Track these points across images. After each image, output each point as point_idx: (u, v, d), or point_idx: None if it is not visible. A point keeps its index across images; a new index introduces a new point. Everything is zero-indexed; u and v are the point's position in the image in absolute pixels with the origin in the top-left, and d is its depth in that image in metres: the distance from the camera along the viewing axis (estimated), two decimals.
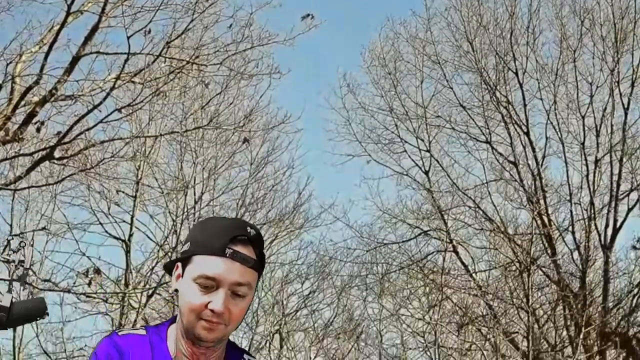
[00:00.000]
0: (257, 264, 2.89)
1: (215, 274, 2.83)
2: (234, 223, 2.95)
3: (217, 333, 2.86)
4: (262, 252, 2.93)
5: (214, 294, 2.83)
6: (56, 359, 21.69)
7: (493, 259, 25.14)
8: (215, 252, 2.84)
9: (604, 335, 22.37)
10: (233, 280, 2.84)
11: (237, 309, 2.86)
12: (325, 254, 24.46)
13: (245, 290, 2.87)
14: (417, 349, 23.88)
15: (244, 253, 2.86)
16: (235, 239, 2.86)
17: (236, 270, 2.84)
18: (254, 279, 2.90)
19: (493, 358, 22.66)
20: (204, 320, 2.84)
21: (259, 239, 2.93)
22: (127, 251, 21.42)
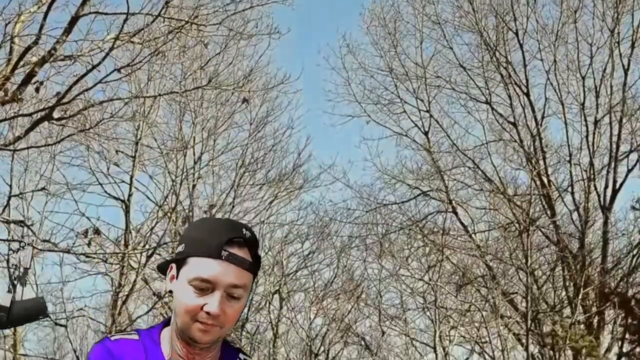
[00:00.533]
0: (252, 266, 2.86)
1: (211, 276, 2.80)
2: (229, 224, 2.91)
3: (212, 335, 2.85)
4: (257, 254, 2.90)
5: (209, 296, 2.81)
6: (56, 319, 21.72)
7: (492, 220, 25.19)
8: (211, 254, 2.81)
9: (603, 295, 22.44)
10: (229, 282, 2.81)
11: (232, 311, 2.84)
12: (325, 214, 24.51)
13: (241, 293, 2.84)
14: (417, 309, 23.98)
15: (240, 255, 2.82)
16: (231, 241, 2.83)
17: (232, 272, 2.81)
18: (250, 280, 2.87)
19: (492, 318, 22.73)
20: (199, 322, 2.82)
21: (255, 241, 2.90)
22: (126, 211, 21.41)
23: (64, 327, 21.54)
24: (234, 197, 22.49)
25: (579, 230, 23.79)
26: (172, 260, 2.93)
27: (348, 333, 23.45)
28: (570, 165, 24.34)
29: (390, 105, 25.67)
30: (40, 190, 19.46)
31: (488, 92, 24.94)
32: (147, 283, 22.30)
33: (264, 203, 23.15)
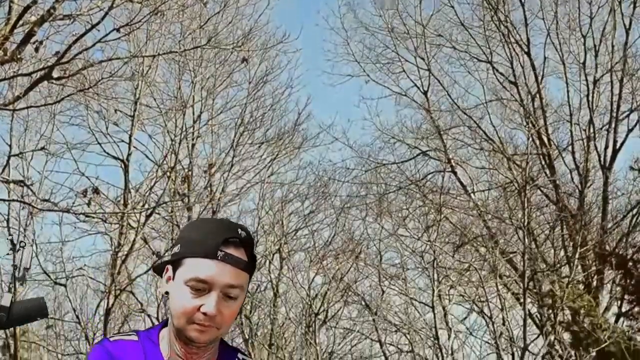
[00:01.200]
0: (248, 265, 2.87)
1: (208, 276, 2.80)
2: (224, 225, 2.91)
3: (209, 335, 2.85)
4: (253, 253, 2.91)
5: (206, 297, 2.81)
6: (56, 278, 21.80)
7: (492, 180, 25.19)
8: (207, 255, 2.81)
9: (602, 255, 22.48)
10: (225, 282, 2.81)
11: (229, 311, 2.84)
12: (325, 174, 24.50)
13: (237, 293, 2.85)
14: (416, 269, 24.02)
15: (236, 255, 2.83)
16: (227, 241, 2.83)
17: (228, 272, 2.81)
18: (246, 280, 2.89)
19: (490, 278, 22.78)
20: (196, 323, 2.82)
21: (250, 241, 2.90)
22: (125, 171, 21.39)
23: (64, 287, 21.65)
24: (233, 156, 22.47)
25: (578, 190, 23.80)
26: (168, 262, 2.93)
27: (348, 292, 23.52)
28: (570, 124, 24.30)
29: (390, 65, 25.60)
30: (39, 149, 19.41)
31: (489, 51, 24.84)
32: (146, 242, 22.34)
33: (263, 162, 23.15)
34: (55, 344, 22.65)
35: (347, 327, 23.67)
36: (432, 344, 22.54)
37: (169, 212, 21.81)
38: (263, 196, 23.24)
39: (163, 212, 21.86)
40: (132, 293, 22.50)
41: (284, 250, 23.27)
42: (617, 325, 21.97)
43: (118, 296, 21.66)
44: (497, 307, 22.77)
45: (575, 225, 22.73)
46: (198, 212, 22.20)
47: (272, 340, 22.39)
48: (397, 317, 23.63)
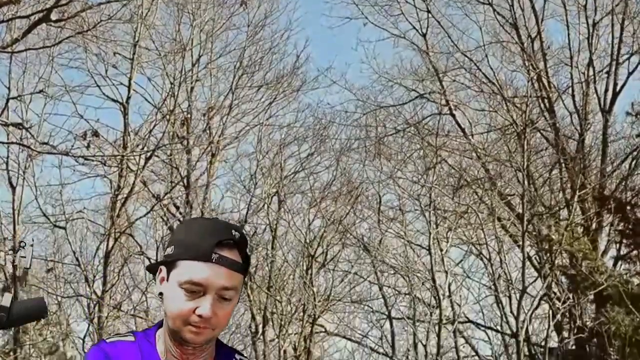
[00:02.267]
0: (243, 267, 2.87)
1: (202, 279, 2.80)
2: (218, 226, 2.90)
3: (204, 336, 2.85)
4: (247, 254, 2.90)
5: (201, 299, 2.81)
6: (55, 221, 21.82)
7: (491, 122, 25.13)
8: (201, 258, 2.81)
9: (601, 199, 22.52)
10: (220, 285, 2.81)
11: (223, 313, 2.84)
12: (323, 116, 24.43)
13: (232, 294, 2.85)
14: (414, 211, 24.05)
15: (230, 257, 2.83)
16: (221, 243, 2.82)
17: (223, 274, 2.81)
18: (240, 282, 2.88)
19: (489, 220, 22.84)
20: (192, 325, 2.83)
21: (244, 242, 2.89)
22: (124, 114, 21.31)
23: (63, 229, 21.67)
24: (232, 100, 22.39)
25: (578, 133, 23.76)
26: (162, 263, 2.92)
27: (346, 235, 23.56)
28: (570, 67, 24.19)
29: (388, 7, 25.37)
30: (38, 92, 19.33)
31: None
32: (145, 185, 22.32)
33: (262, 105, 23.06)
34: (55, 286, 22.72)
35: (345, 270, 23.75)
36: (430, 287, 22.65)
37: (168, 155, 21.77)
38: (261, 139, 23.21)
39: (162, 155, 21.82)
40: (131, 236, 22.52)
41: (282, 193, 23.25)
42: (615, 269, 22.08)
43: (117, 239, 21.70)
44: (495, 250, 22.85)
45: (575, 168, 22.73)
46: (197, 154, 22.19)
47: (270, 282, 22.46)
48: (395, 259, 23.71)
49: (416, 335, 22.07)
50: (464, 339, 23.17)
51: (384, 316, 23.33)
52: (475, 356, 23.29)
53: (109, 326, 21.88)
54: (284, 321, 22.25)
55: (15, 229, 21.38)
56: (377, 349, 22.93)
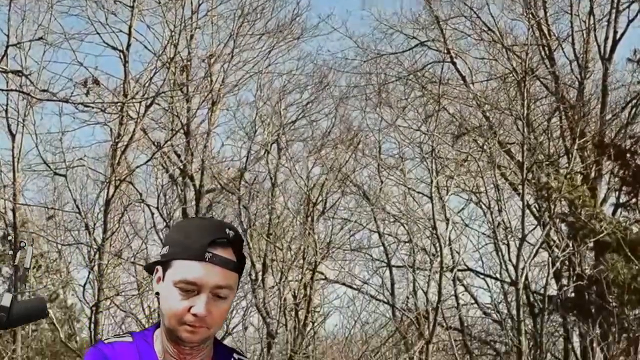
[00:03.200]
0: (237, 265, 2.89)
1: (196, 278, 2.83)
2: (212, 225, 2.92)
3: (200, 335, 2.88)
4: (241, 253, 2.91)
5: (195, 298, 2.83)
6: (55, 168, 21.78)
7: (491, 70, 25.06)
8: (194, 257, 2.83)
9: (600, 146, 22.53)
10: (214, 283, 2.83)
11: (219, 311, 2.87)
12: (324, 64, 24.33)
13: (227, 293, 2.87)
14: (415, 159, 24.07)
15: (224, 256, 2.85)
16: (214, 242, 2.84)
17: (217, 273, 2.83)
18: (235, 280, 2.90)
19: (488, 168, 22.86)
20: (187, 324, 2.85)
21: (239, 240, 2.91)
22: (124, 61, 21.17)
23: (64, 177, 21.65)
24: (233, 48, 22.23)
25: (577, 81, 23.72)
26: (158, 262, 2.94)
27: (346, 183, 23.57)
28: (570, 15, 24.09)
29: None
30: (37, 39, 19.19)
31: None
32: (146, 133, 22.27)
33: (262, 53, 22.93)
34: (55, 234, 22.73)
35: (345, 218, 23.80)
36: (430, 235, 22.74)
37: (169, 103, 21.70)
38: (261, 87, 23.11)
39: (163, 102, 21.75)
40: (131, 184, 22.51)
41: (282, 140, 23.22)
42: (614, 217, 22.16)
43: (118, 187, 21.68)
44: (494, 199, 22.90)
45: (574, 116, 22.73)
46: (198, 102, 22.11)
47: (270, 230, 22.50)
48: (395, 207, 23.78)
49: (416, 283, 22.22)
50: (463, 286, 23.33)
51: (383, 264, 23.44)
52: (474, 304, 23.46)
53: (109, 274, 21.97)
54: (284, 268, 22.33)
55: (15, 176, 21.32)
56: (377, 297, 23.06)
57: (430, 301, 21.73)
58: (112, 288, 22.33)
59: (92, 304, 21.18)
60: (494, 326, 23.33)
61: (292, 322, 22.45)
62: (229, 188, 22.57)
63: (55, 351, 23.76)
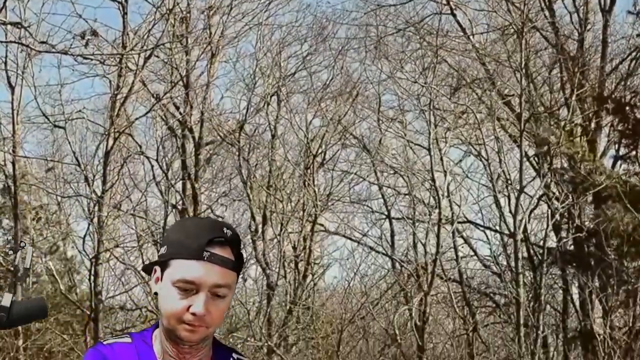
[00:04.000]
0: (235, 264, 2.92)
1: (195, 277, 2.86)
2: (209, 225, 2.96)
3: (199, 334, 2.91)
4: (239, 252, 2.95)
5: (194, 297, 2.87)
6: (55, 120, 21.71)
7: (490, 22, 24.94)
8: (192, 256, 2.87)
9: (600, 98, 22.51)
10: (213, 282, 2.87)
11: (217, 310, 2.90)
12: (323, 16, 24.20)
13: (225, 292, 2.91)
14: (414, 111, 24.02)
15: (223, 255, 2.89)
16: (212, 241, 2.88)
17: (215, 272, 2.87)
18: (233, 279, 2.94)
19: (488, 120, 22.85)
20: (186, 323, 2.88)
21: (236, 240, 2.95)
22: (123, 13, 20.99)
23: (63, 129, 21.59)
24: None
25: (577, 33, 23.62)
26: (156, 262, 2.99)
27: (345, 135, 23.55)
28: None
29: None
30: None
31: None
32: (145, 85, 22.18)
33: (262, 5, 22.76)
34: (54, 186, 22.72)
35: (345, 170, 23.80)
36: (429, 187, 22.76)
37: (168, 55, 21.58)
38: (261, 38, 22.99)
39: (162, 54, 21.63)
40: (131, 136, 22.46)
41: (282, 92, 23.15)
42: (613, 169, 22.20)
43: (117, 139, 21.62)
44: (494, 151, 22.90)
45: (574, 67, 22.66)
46: (197, 54, 22.02)
47: (270, 181, 22.50)
48: (394, 159, 23.77)
49: (415, 235, 22.27)
50: (462, 239, 23.39)
51: (383, 216, 23.49)
52: (474, 256, 23.55)
53: (109, 225, 21.98)
54: (284, 220, 22.36)
55: (15, 129, 21.27)
56: (377, 248, 23.12)
57: (429, 253, 21.83)
58: (112, 240, 22.37)
59: (92, 255, 21.23)
60: (493, 278, 23.44)
61: (291, 274, 22.54)
62: (229, 140, 22.53)
63: (55, 303, 23.79)
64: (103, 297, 21.47)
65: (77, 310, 23.49)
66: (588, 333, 20.58)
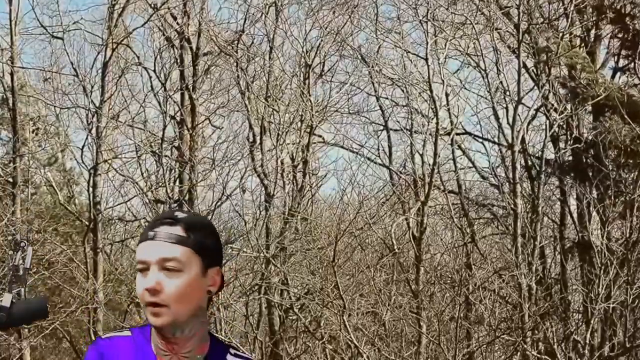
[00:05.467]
0: (186, 240, 2.94)
1: (143, 256, 2.94)
2: (165, 213, 3.09)
3: (163, 318, 2.92)
4: (197, 233, 2.97)
5: (147, 275, 2.93)
6: (53, 32, 21.61)
7: None
8: (143, 238, 2.97)
9: (600, 8, 22.34)
10: (158, 257, 2.92)
11: (172, 286, 2.91)
12: None
13: (177, 265, 2.92)
14: (412, 22, 23.78)
15: (168, 232, 2.94)
16: (161, 222, 2.97)
17: (160, 246, 2.92)
18: (186, 254, 2.94)
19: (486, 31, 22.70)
20: (148, 305, 2.91)
21: (190, 221, 2.98)
22: None
23: (61, 40, 21.51)
24: None
25: None
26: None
27: (343, 46, 23.38)
28: None
29: None
30: None
31: None
32: None
33: None
34: (53, 97, 22.64)
35: (342, 81, 23.67)
36: (427, 97, 22.69)
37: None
38: None
39: None
40: (128, 46, 22.37)
41: (280, 3, 22.93)
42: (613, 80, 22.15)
43: (115, 49, 21.56)
44: (492, 62, 22.78)
45: None
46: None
47: (268, 92, 22.41)
48: (392, 70, 23.65)
49: (413, 146, 22.25)
50: (461, 150, 23.38)
51: (380, 127, 23.42)
52: (472, 168, 23.56)
53: (107, 136, 21.98)
54: (282, 131, 22.34)
55: (13, 40, 21.16)
56: (375, 159, 23.10)
57: (426, 163, 21.83)
58: (110, 151, 22.38)
59: (91, 166, 21.30)
60: (491, 190, 23.52)
61: (289, 186, 22.60)
62: (226, 51, 22.40)
63: (54, 214, 23.93)
64: (102, 208, 21.57)
65: (76, 221, 23.64)
66: (585, 244, 20.73)
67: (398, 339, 19.97)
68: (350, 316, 18.59)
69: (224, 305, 20.97)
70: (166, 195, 21.27)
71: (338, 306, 18.61)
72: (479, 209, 23.52)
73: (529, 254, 19.95)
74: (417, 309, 19.35)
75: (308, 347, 21.21)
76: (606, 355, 19.52)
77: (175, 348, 2.99)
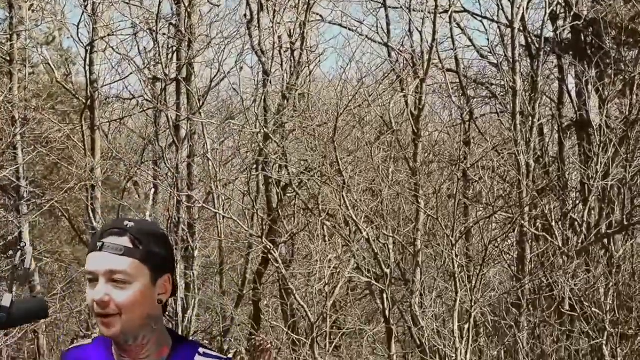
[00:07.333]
0: (134, 252, 2.91)
1: (91, 267, 2.91)
2: (113, 221, 3.01)
3: (113, 328, 2.91)
4: (146, 244, 2.93)
5: (95, 286, 2.91)
6: None
7: None
8: (91, 249, 2.93)
9: None
10: (105, 269, 2.89)
11: (122, 298, 2.89)
12: None
13: (124, 278, 2.89)
14: None
15: (116, 243, 2.90)
16: (109, 232, 2.93)
17: (107, 259, 2.89)
18: (135, 266, 2.91)
19: None
20: (98, 316, 2.91)
21: (138, 231, 2.93)
22: None
23: None
24: None
25: None
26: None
27: None
28: None
29: None
30: None
31: None
32: None
33: None
34: None
35: None
36: None
37: None
38: None
39: None
40: None
41: None
42: None
43: None
44: None
45: None
46: None
47: None
48: None
49: (412, 23, 21.99)
50: (460, 28, 23.12)
51: (379, 4, 23.09)
52: (471, 46, 23.35)
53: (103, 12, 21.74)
54: (279, 6, 22.08)
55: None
56: (373, 37, 22.85)
57: (425, 40, 21.57)
58: (107, 27, 22.12)
59: (87, 43, 21.14)
60: (490, 69, 23.37)
61: (288, 63, 22.44)
62: None
63: (52, 93, 23.85)
64: (99, 86, 21.46)
65: (74, 100, 23.56)
66: (584, 122, 20.72)
67: (396, 216, 20.09)
68: (350, 192, 18.63)
69: (223, 182, 21.07)
70: (163, 73, 21.13)
71: (338, 182, 18.66)
72: (477, 87, 23.44)
73: (527, 132, 19.95)
74: (415, 186, 19.41)
75: (308, 223, 21.35)
76: (603, 232, 19.68)
77: (131, 355, 3.00)
